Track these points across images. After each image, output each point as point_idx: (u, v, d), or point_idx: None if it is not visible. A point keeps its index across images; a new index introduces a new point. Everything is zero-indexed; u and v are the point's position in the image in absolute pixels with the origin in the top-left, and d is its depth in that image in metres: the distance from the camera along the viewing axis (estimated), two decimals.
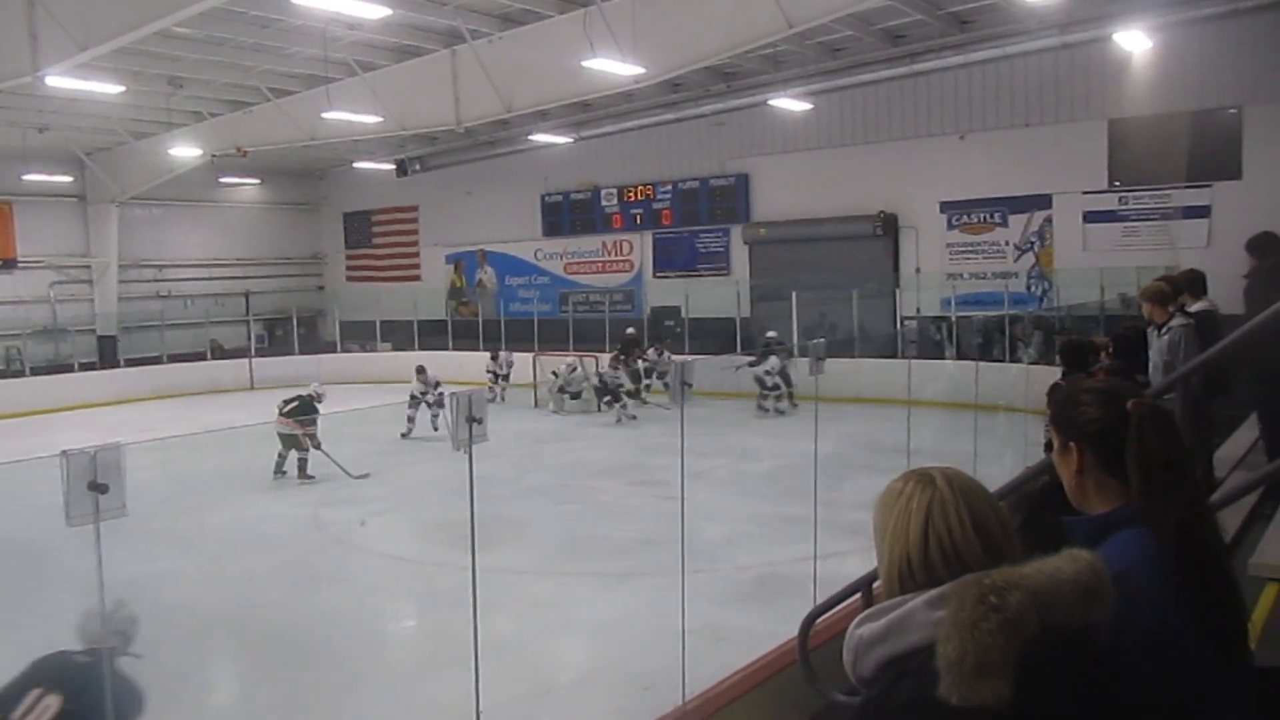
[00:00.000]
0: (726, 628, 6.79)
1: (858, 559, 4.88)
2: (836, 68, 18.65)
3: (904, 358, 18.27)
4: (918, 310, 20.31)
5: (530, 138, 22.78)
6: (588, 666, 7.17)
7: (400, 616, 8.81)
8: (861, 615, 1.56)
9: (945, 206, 19.97)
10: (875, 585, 2.91)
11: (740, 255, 23.10)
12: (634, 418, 17.57)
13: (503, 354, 21.75)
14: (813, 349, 5.75)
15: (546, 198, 26.07)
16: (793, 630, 4.21)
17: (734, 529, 9.93)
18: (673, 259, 24.30)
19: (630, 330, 21.52)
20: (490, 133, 23.40)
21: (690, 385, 4.73)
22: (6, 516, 11.62)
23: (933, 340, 19.63)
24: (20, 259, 24.67)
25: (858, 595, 3.70)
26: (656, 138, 22.85)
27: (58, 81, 14.40)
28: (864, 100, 20.07)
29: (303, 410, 13.15)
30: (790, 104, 19.64)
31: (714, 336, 21.60)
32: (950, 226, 19.98)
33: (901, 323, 20.41)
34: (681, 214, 23.88)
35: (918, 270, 20.32)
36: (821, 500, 6.79)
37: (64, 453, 2.99)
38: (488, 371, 21.18)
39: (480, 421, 3.75)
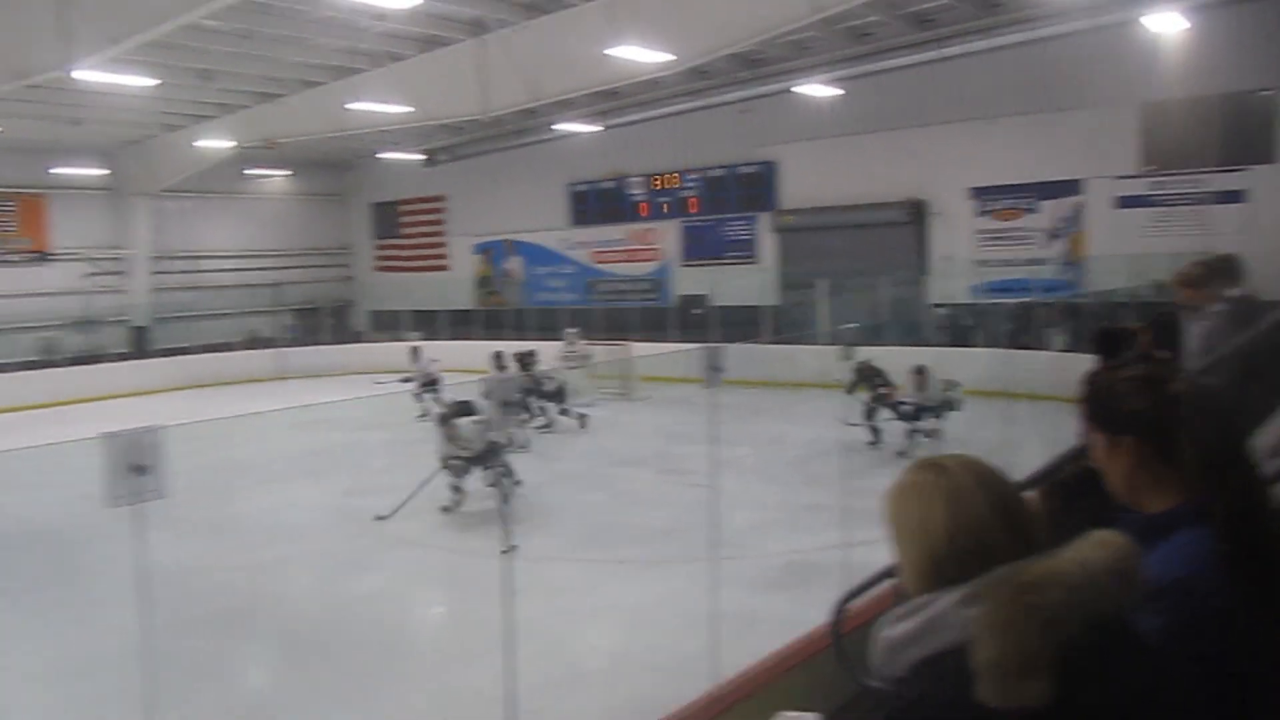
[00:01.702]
0: (756, 614, 6.79)
1: (887, 546, 4.86)
2: (864, 53, 18.50)
3: (933, 345, 18.17)
4: (947, 298, 20.18)
5: (556, 127, 22.79)
6: (617, 652, 7.20)
7: (429, 603, 8.87)
8: (890, 615, 1.51)
9: (975, 193, 19.81)
10: None
11: (768, 243, 23.03)
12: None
13: (422, 349, 18.75)
14: (843, 335, 5.73)
15: (573, 187, 26.09)
16: (822, 616, 4.20)
17: (762, 516, 9.93)
18: (700, 247, 24.26)
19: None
20: (517, 122, 23.43)
21: (721, 370, 4.70)
22: (37, 504, 11.83)
23: (962, 328, 19.51)
24: (54, 252, 25.02)
25: (891, 580, 3.68)
26: (683, 125, 22.74)
27: (88, 75, 14.55)
28: (892, 85, 19.81)
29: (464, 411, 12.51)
30: (817, 90, 19.53)
31: (741, 325, 21.58)
32: (980, 213, 19.82)
33: (931, 310, 20.29)
34: (709, 202, 23.85)
35: (947, 257, 20.18)
36: (849, 488, 6.77)
37: (105, 434, 3.04)
38: (404, 379, 17.83)
39: (510, 404, 3.74)
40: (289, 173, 29.10)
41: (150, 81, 16.30)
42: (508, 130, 24.45)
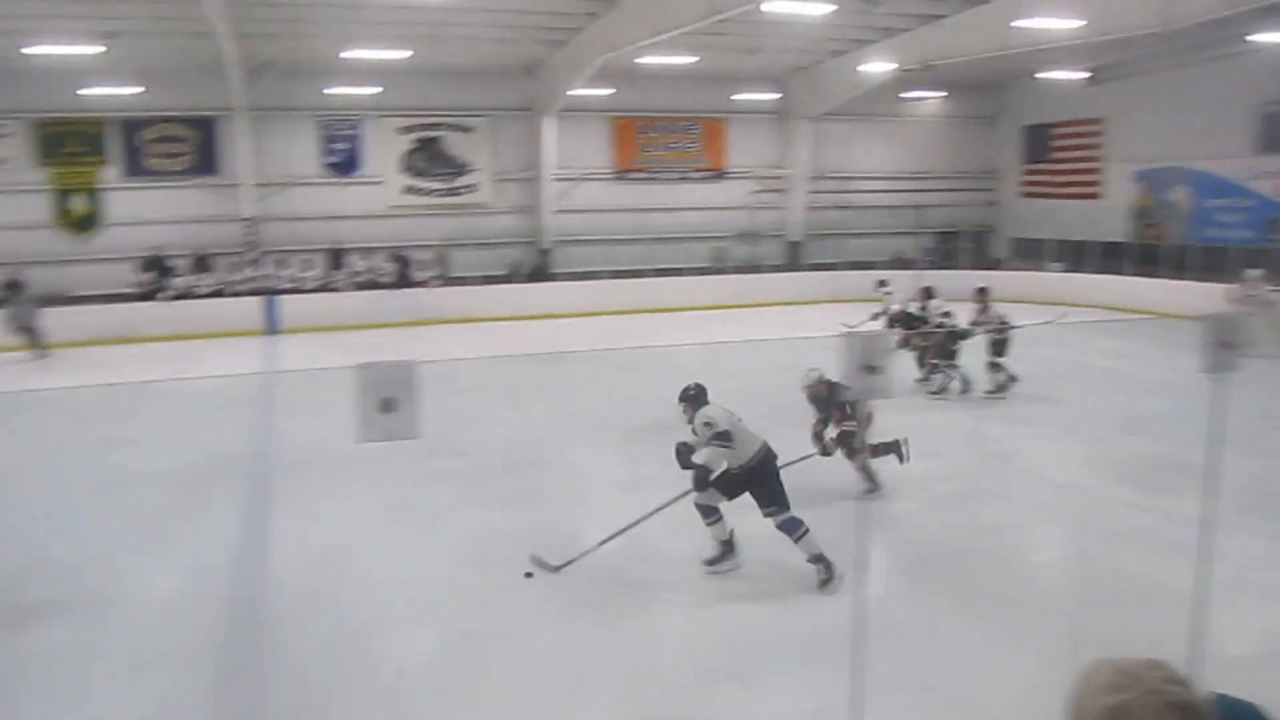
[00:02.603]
0: None
1: None
2: None
3: None
4: None
5: (1251, 38, 19.85)
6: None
7: (1057, 543, 8.63)
8: None
9: None
10: None
11: None
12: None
13: (890, 281, 17.80)
14: None
15: (1267, 107, 22.70)
16: None
17: None
18: None
19: None
20: (1201, 34, 20.81)
21: None
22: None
23: None
24: (728, 170, 28.09)
25: None
26: None
27: (774, 6, 15.77)
28: None
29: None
30: None
31: None
32: None
33: None
34: None
35: None
36: None
37: (846, 331, 3.43)
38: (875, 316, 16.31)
39: (1232, 346, 3.45)
40: (945, 94, 29.20)
41: (828, 8, 16.94)
42: (1187, 44, 21.86)
